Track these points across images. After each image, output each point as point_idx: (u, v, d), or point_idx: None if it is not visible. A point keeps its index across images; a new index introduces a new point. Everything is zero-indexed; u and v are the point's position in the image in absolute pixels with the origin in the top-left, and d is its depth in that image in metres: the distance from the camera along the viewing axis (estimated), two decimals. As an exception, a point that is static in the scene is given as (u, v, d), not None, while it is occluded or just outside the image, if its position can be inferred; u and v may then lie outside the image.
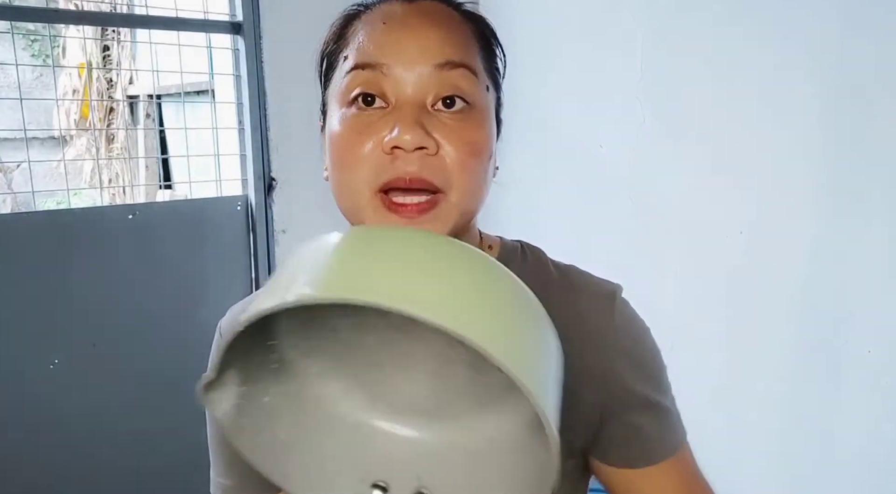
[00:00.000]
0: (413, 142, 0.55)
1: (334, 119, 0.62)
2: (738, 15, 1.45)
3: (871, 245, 1.28)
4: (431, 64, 0.58)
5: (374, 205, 0.58)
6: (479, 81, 0.60)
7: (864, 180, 1.28)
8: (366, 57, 0.59)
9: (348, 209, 0.62)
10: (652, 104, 1.65)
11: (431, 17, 0.61)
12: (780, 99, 1.39)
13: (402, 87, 0.58)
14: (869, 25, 1.25)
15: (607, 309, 0.65)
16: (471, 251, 0.42)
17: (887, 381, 1.27)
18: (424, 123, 0.57)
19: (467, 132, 0.58)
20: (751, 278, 1.47)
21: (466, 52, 0.60)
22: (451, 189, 0.58)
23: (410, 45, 0.58)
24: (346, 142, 0.59)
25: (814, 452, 1.39)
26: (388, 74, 0.58)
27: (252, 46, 2.00)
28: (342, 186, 0.61)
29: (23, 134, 1.84)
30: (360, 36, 0.61)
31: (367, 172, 0.58)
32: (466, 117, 0.59)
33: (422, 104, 0.58)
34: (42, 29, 3.95)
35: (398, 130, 0.56)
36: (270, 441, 0.48)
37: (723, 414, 1.53)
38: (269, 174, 2.08)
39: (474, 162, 0.59)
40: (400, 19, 0.60)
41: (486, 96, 0.62)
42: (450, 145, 0.57)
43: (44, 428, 1.77)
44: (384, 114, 0.58)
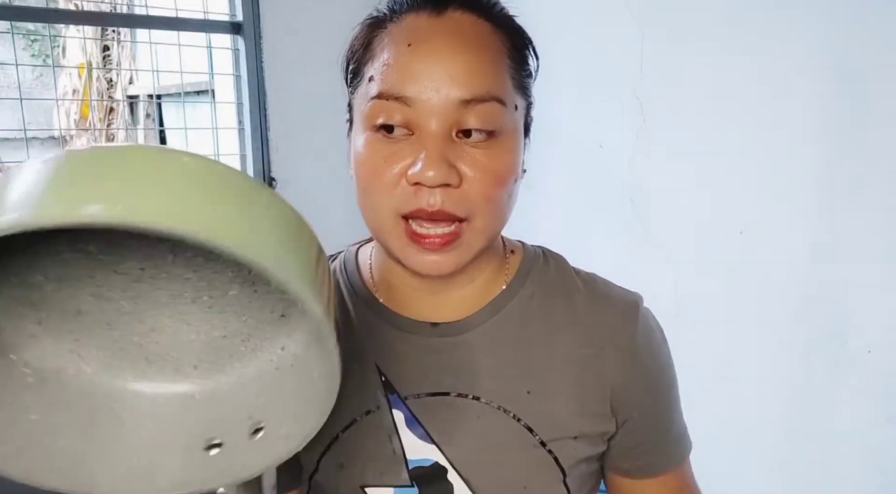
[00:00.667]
0: (436, 179, 0.54)
1: (359, 139, 0.60)
2: (738, 15, 1.45)
3: (871, 245, 1.28)
4: (458, 99, 0.55)
5: (397, 232, 0.58)
6: (507, 108, 0.58)
7: (865, 180, 1.28)
8: (389, 87, 0.56)
9: (373, 229, 0.61)
10: (652, 104, 1.65)
11: (459, 38, 0.57)
12: (781, 99, 1.39)
13: (426, 119, 0.56)
14: (869, 25, 1.25)
15: (630, 322, 0.65)
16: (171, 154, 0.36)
17: (887, 381, 1.27)
18: (448, 154, 0.55)
19: (492, 162, 0.57)
20: (751, 277, 1.47)
21: (496, 80, 0.58)
22: (475, 217, 0.57)
23: (436, 75, 0.55)
24: (371, 168, 0.58)
25: (814, 452, 1.39)
26: (412, 106, 0.56)
27: (252, 46, 2.00)
28: (367, 208, 0.60)
29: (23, 134, 1.84)
30: (385, 55, 0.58)
31: (391, 199, 0.57)
32: (492, 146, 0.57)
33: (446, 135, 0.56)
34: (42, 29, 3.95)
35: (421, 165, 0.55)
36: (59, 457, 0.42)
37: (722, 414, 1.53)
38: (269, 174, 2.08)
39: (499, 191, 0.58)
40: (425, 40, 0.57)
41: (513, 117, 0.60)
42: (474, 176, 0.56)
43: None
44: (409, 142, 0.57)
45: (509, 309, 0.66)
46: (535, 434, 0.63)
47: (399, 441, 0.64)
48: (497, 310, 0.66)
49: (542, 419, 0.63)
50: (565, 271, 0.69)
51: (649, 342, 0.66)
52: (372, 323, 0.67)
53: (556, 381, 0.64)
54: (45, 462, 0.41)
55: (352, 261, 0.71)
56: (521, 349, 0.65)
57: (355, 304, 0.68)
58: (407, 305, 0.66)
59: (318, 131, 2.13)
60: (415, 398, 0.65)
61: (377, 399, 0.65)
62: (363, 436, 0.65)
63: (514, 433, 0.63)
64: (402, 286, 0.66)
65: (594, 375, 0.64)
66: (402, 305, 0.66)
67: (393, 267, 0.66)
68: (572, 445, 0.64)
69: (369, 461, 0.64)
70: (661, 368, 0.67)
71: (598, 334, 0.65)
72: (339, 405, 0.47)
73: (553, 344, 0.65)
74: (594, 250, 1.64)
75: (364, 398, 0.65)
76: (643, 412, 0.66)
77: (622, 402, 0.64)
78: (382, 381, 0.65)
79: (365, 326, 0.67)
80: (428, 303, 0.66)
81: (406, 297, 0.66)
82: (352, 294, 0.69)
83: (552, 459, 0.63)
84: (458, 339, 0.65)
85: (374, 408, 0.65)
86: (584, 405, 0.64)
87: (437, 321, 0.65)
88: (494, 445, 0.63)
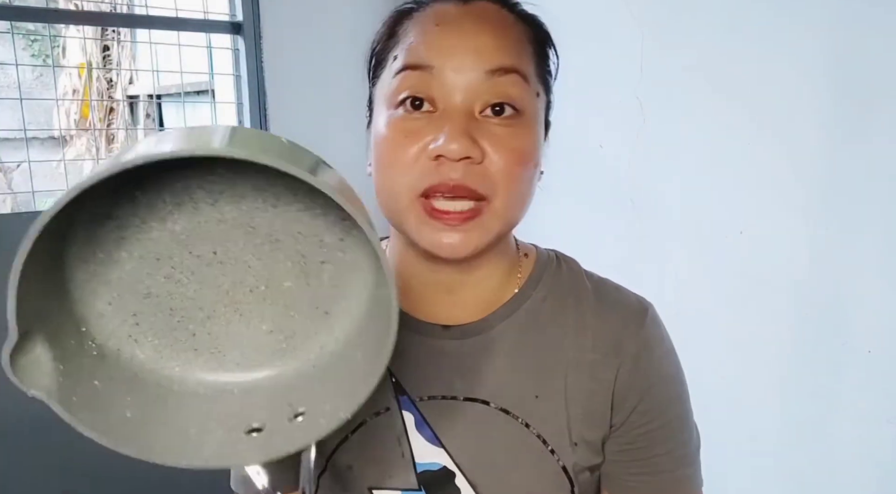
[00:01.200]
0: (459, 151, 0.54)
1: (381, 120, 0.60)
2: (738, 15, 1.45)
3: (872, 245, 1.28)
4: (483, 69, 0.56)
5: (415, 210, 0.57)
6: (529, 87, 0.59)
7: (865, 180, 1.28)
8: (416, 58, 0.57)
9: (389, 212, 0.61)
10: (652, 104, 1.65)
11: (485, 20, 0.59)
12: (781, 99, 1.39)
13: (451, 92, 0.56)
14: (869, 25, 1.25)
15: (636, 328, 0.65)
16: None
17: (887, 381, 1.27)
18: (471, 130, 0.56)
19: (514, 140, 0.57)
20: (751, 277, 1.47)
21: (519, 58, 0.59)
22: (496, 197, 0.57)
23: (462, 49, 0.57)
24: (392, 145, 0.58)
25: (814, 452, 1.39)
26: (437, 77, 0.56)
27: (252, 46, 2.00)
28: (384, 188, 0.60)
29: (23, 134, 1.84)
30: (411, 36, 0.59)
31: (411, 176, 0.57)
32: (514, 124, 0.58)
33: (469, 111, 0.57)
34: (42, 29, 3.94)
35: (444, 138, 0.55)
36: (118, 419, 0.46)
37: (721, 414, 1.53)
38: (269, 174, 2.08)
39: (520, 170, 0.58)
40: (453, 21, 0.58)
41: (535, 102, 0.60)
42: (496, 154, 0.56)
43: (44, 428, 1.77)
44: (431, 119, 0.57)
45: (521, 313, 0.65)
46: (543, 442, 0.62)
47: (408, 443, 0.64)
48: (509, 313, 0.65)
49: (550, 425, 0.63)
50: (577, 275, 0.68)
51: (652, 350, 0.65)
52: None
53: (564, 386, 0.63)
54: (105, 423, 0.45)
55: None
56: (531, 353, 0.64)
57: None
58: (420, 306, 0.66)
59: (318, 131, 2.13)
60: (425, 401, 0.64)
61: (387, 401, 0.65)
62: (372, 438, 0.65)
63: (523, 439, 0.62)
64: (415, 285, 0.66)
65: (601, 381, 0.63)
66: (414, 306, 0.66)
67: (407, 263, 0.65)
68: (579, 453, 0.63)
69: (378, 463, 0.64)
70: (664, 378, 0.65)
71: (605, 339, 0.64)
72: None
73: (563, 349, 0.64)
74: (594, 250, 1.63)
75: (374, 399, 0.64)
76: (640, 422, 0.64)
77: (619, 408, 0.64)
78: (393, 382, 0.65)
79: None
80: (441, 304, 0.65)
81: (419, 297, 0.66)
82: None
83: (560, 467, 0.63)
84: (469, 342, 0.65)
85: (383, 410, 0.65)
86: (592, 412, 0.63)
87: (449, 324, 0.65)
88: (502, 450, 0.63)
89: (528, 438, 0.62)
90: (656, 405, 0.64)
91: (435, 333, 0.65)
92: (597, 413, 0.63)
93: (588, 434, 0.63)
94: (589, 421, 0.63)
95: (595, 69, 1.78)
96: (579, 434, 0.63)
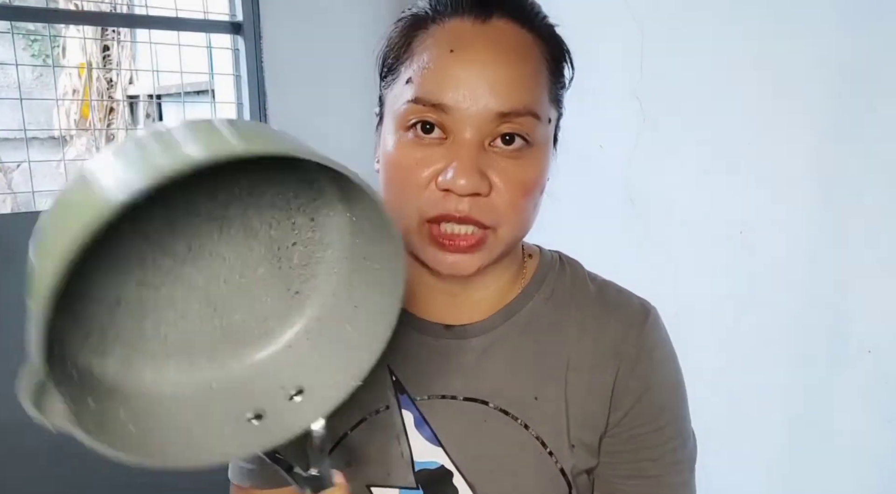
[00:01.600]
0: (467, 188, 0.55)
1: (390, 138, 0.59)
2: (738, 15, 1.45)
3: (872, 245, 1.28)
4: (495, 110, 0.55)
5: (421, 235, 0.58)
6: (541, 122, 0.58)
7: (865, 180, 1.28)
8: (428, 93, 0.56)
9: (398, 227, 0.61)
10: (652, 104, 1.65)
11: (501, 48, 0.57)
12: (781, 99, 1.39)
13: (462, 125, 0.56)
14: (870, 25, 1.25)
15: (636, 331, 0.64)
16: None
17: (887, 381, 1.27)
18: (480, 163, 0.56)
19: (522, 173, 0.58)
20: (751, 277, 1.47)
21: (533, 94, 0.58)
22: (500, 226, 0.58)
23: (476, 85, 0.55)
24: (401, 169, 0.58)
25: (814, 452, 1.39)
26: (449, 113, 0.56)
27: (252, 46, 2.00)
28: (393, 206, 0.59)
29: (23, 134, 1.84)
30: (424, 57, 0.58)
31: (419, 202, 0.57)
32: (523, 156, 0.58)
33: (480, 143, 0.56)
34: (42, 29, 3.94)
35: (453, 173, 0.55)
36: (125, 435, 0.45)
37: (722, 414, 1.53)
38: (269, 174, 2.08)
39: (526, 201, 0.59)
40: (469, 48, 0.57)
41: (545, 132, 0.60)
42: (503, 185, 0.57)
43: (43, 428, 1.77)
44: (442, 146, 0.57)
45: (523, 314, 0.65)
46: (542, 443, 0.62)
47: (407, 442, 0.64)
48: (511, 314, 0.65)
49: (549, 426, 0.62)
50: (580, 277, 0.68)
51: (652, 353, 0.65)
52: None
53: (564, 388, 0.63)
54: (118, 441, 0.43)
55: None
56: (531, 354, 0.64)
57: None
58: (423, 306, 0.66)
59: (319, 131, 2.13)
60: (424, 400, 0.65)
61: (387, 399, 0.65)
62: (371, 435, 0.65)
63: (521, 440, 0.62)
64: (418, 286, 0.66)
65: (600, 383, 0.63)
66: (417, 306, 0.66)
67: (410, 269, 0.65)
68: (577, 455, 0.63)
69: (376, 460, 0.64)
70: (661, 382, 0.65)
71: (605, 342, 0.64)
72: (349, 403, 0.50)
73: (564, 351, 0.64)
74: (594, 251, 1.63)
75: (374, 397, 0.65)
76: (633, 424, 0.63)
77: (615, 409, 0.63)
78: (393, 381, 0.65)
79: None
80: (443, 305, 0.66)
81: (422, 298, 0.66)
82: None
83: (558, 470, 0.63)
84: (470, 342, 0.65)
85: (383, 408, 0.65)
86: (590, 414, 0.63)
87: (451, 324, 0.65)
88: (500, 451, 0.63)
89: (527, 439, 0.62)
90: (651, 408, 0.64)
91: (437, 332, 0.65)
92: (594, 415, 0.63)
93: (585, 437, 0.63)
94: (587, 423, 0.63)
95: (595, 69, 1.78)
96: (577, 436, 0.63)
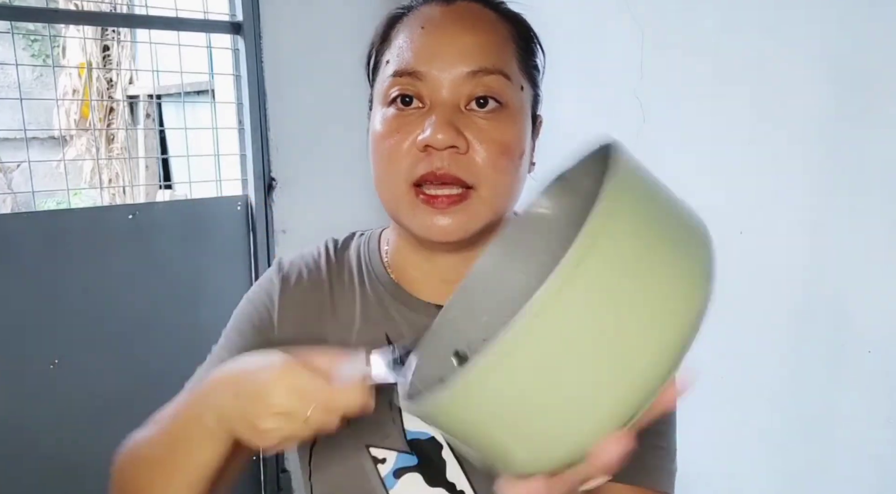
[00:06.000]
0: (444, 141, 0.58)
1: (376, 118, 0.64)
2: (738, 15, 1.45)
3: (872, 245, 1.28)
4: (466, 70, 0.60)
5: (409, 198, 0.62)
6: (512, 83, 0.62)
7: (864, 180, 1.28)
8: (404, 64, 0.61)
9: (387, 201, 0.65)
10: (652, 104, 1.65)
11: (468, 21, 0.63)
12: (780, 99, 1.39)
13: (437, 90, 0.60)
14: (869, 25, 1.25)
15: None
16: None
17: (887, 381, 1.27)
18: (457, 123, 0.60)
19: (498, 132, 0.61)
20: (750, 278, 1.47)
21: (501, 57, 0.62)
22: (481, 185, 0.61)
23: (446, 52, 0.60)
24: (385, 139, 0.62)
25: (814, 452, 1.39)
26: (424, 79, 0.60)
27: (252, 46, 2.00)
28: (381, 179, 0.64)
29: (23, 134, 1.84)
30: (400, 40, 0.63)
31: (403, 166, 0.61)
32: (498, 117, 0.61)
33: (455, 105, 0.61)
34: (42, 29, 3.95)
35: (430, 130, 0.59)
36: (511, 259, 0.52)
37: (721, 414, 1.53)
38: (269, 174, 2.08)
39: (505, 161, 0.62)
40: (437, 24, 0.62)
41: (519, 96, 0.64)
42: (480, 144, 0.60)
43: (44, 428, 1.77)
44: (420, 114, 0.61)
45: None
46: None
47: (398, 410, 0.66)
48: None
49: None
50: None
51: None
52: (383, 297, 0.70)
53: None
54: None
55: (375, 239, 0.75)
56: None
57: (370, 277, 0.72)
58: (418, 286, 0.70)
59: (319, 131, 2.13)
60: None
61: None
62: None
63: None
64: (414, 274, 0.70)
65: None
66: (412, 286, 0.70)
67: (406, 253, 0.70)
68: None
69: (373, 423, 0.66)
70: None
71: None
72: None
73: None
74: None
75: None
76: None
77: None
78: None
79: (377, 297, 0.70)
80: (438, 287, 0.68)
81: (418, 280, 0.70)
82: (368, 267, 0.72)
83: None
84: None
85: None
86: None
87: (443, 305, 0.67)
88: None
89: None
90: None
91: (429, 312, 0.68)
92: None
93: None
94: None
95: (595, 69, 1.78)
96: None
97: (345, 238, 0.77)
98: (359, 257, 0.74)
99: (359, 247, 0.75)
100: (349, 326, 0.70)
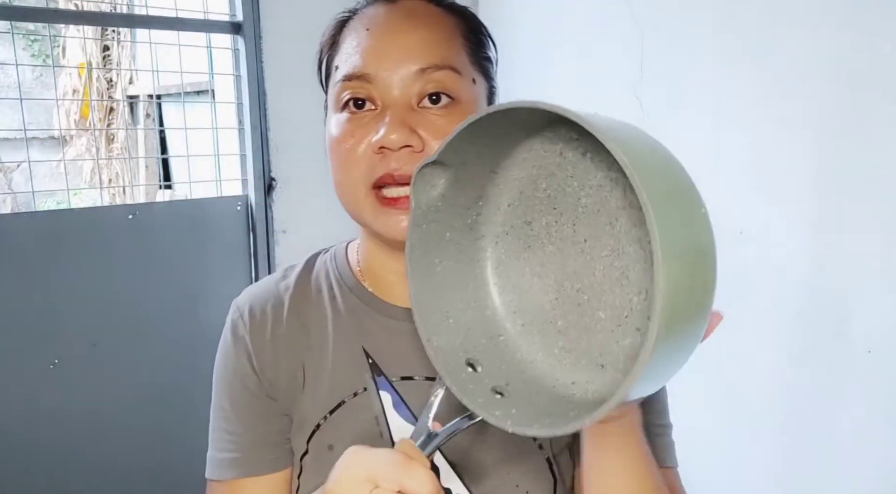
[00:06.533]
0: (398, 141, 0.58)
1: (331, 123, 0.65)
2: (738, 15, 1.45)
3: (871, 245, 1.28)
4: (414, 68, 0.60)
5: (369, 202, 0.62)
6: (463, 77, 0.62)
7: (864, 180, 1.28)
8: (353, 68, 0.61)
9: (348, 205, 0.64)
10: (652, 104, 1.65)
11: (413, 19, 0.62)
12: (780, 99, 1.39)
13: (388, 90, 0.60)
14: (870, 26, 1.25)
15: None
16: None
17: (887, 381, 1.27)
18: (410, 121, 0.59)
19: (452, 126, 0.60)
20: (750, 278, 1.47)
21: (449, 52, 0.62)
22: None
23: (393, 51, 0.60)
24: (341, 144, 0.62)
25: (814, 452, 1.39)
26: (374, 82, 0.60)
27: (252, 46, 2.00)
28: (341, 185, 0.64)
29: (23, 134, 1.84)
30: (347, 44, 0.64)
31: (361, 171, 0.61)
32: (452, 112, 0.61)
33: (407, 104, 0.60)
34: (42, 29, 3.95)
35: (384, 130, 0.59)
36: (428, 271, 0.53)
37: (721, 414, 1.53)
38: (269, 174, 2.08)
39: None
40: (382, 24, 0.62)
41: (472, 90, 0.63)
42: (435, 141, 0.60)
43: (44, 428, 1.77)
44: (374, 116, 0.61)
45: None
46: None
47: (386, 422, 0.66)
48: None
49: None
50: None
51: None
52: (358, 308, 0.70)
53: None
54: (423, 270, 0.53)
55: (342, 252, 0.75)
56: None
57: (342, 290, 0.71)
58: (390, 292, 0.69)
59: (318, 131, 2.11)
60: (401, 381, 0.66)
61: (364, 381, 0.67)
62: (351, 417, 0.66)
63: None
64: (383, 275, 0.69)
65: None
66: (385, 292, 0.69)
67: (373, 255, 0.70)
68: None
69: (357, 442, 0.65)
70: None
71: None
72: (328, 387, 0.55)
73: None
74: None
75: (352, 380, 0.67)
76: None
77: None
78: (370, 363, 0.67)
79: (351, 310, 0.70)
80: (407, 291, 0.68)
81: (389, 284, 0.69)
82: (339, 281, 0.72)
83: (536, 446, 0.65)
84: None
85: (361, 390, 0.66)
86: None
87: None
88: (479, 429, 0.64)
89: None
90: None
91: (402, 316, 0.68)
92: None
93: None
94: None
95: (595, 69, 1.78)
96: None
97: (306, 260, 0.76)
98: (327, 273, 0.73)
99: (325, 263, 0.74)
100: (324, 346, 0.68)
